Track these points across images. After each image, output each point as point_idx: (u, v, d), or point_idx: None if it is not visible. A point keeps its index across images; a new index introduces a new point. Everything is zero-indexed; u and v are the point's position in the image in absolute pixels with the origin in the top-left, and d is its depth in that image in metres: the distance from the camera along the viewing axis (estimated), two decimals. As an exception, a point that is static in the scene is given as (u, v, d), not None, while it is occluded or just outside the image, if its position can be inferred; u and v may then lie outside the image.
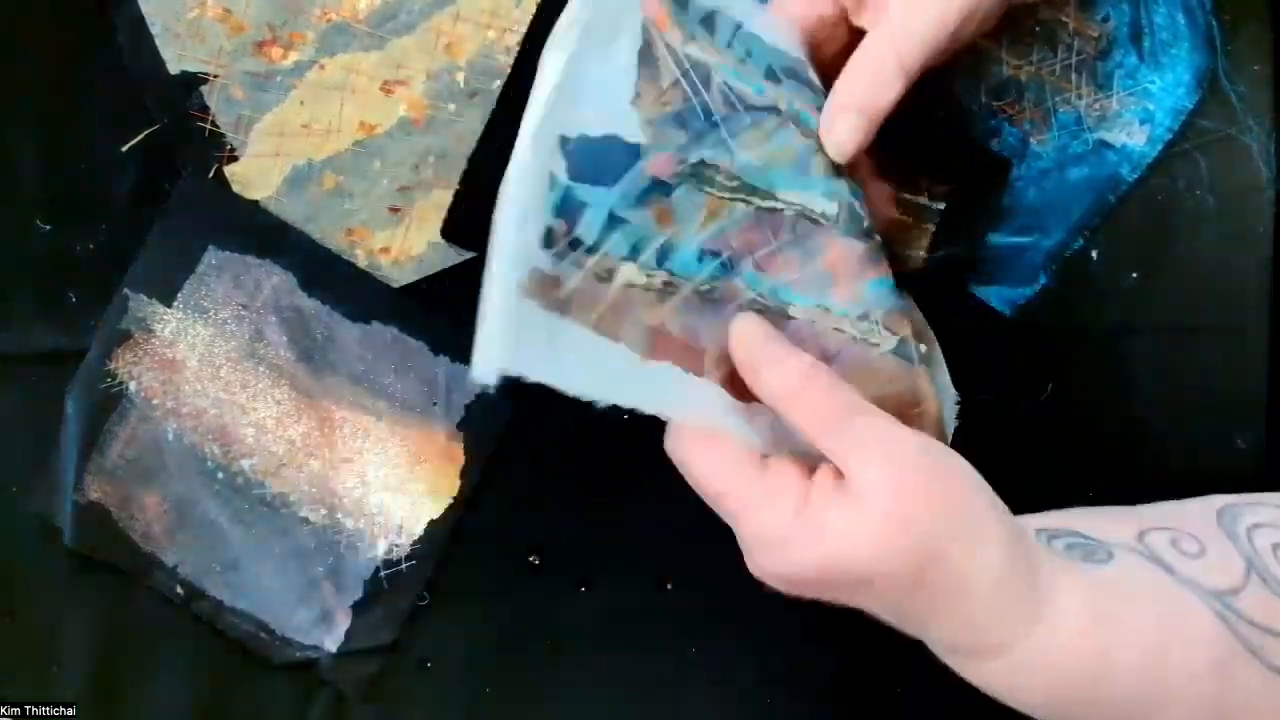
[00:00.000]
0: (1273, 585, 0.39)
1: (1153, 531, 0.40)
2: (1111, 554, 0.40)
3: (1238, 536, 0.40)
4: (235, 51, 0.52)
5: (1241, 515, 0.41)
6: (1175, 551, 0.40)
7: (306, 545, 0.53)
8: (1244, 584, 0.39)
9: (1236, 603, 0.38)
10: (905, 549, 0.36)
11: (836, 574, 0.37)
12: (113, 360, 0.53)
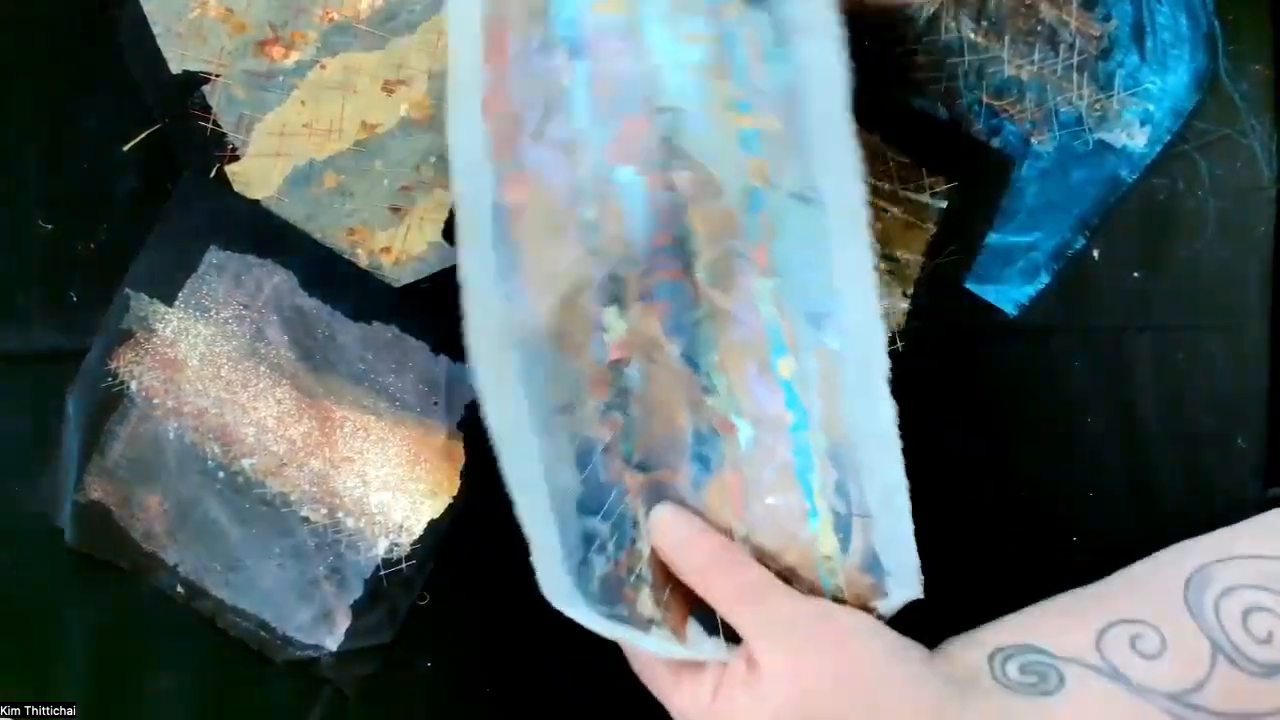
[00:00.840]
0: (1241, 662, 0.39)
1: (1111, 630, 0.40)
2: (1064, 678, 0.40)
3: (1203, 613, 0.40)
4: (236, 51, 0.52)
5: (1211, 582, 0.41)
6: (1134, 655, 0.40)
7: (307, 545, 0.53)
8: (1208, 675, 0.39)
9: (1200, 699, 0.38)
10: (804, 712, 0.38)
11: None
12: (113, 360, 0.53)
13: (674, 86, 0.43)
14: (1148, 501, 0.53)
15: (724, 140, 0.42)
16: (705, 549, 0.42)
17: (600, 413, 0.43)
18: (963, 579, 0.47)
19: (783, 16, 0.42)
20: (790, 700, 0.39)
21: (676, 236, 0.43)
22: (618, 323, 0.43)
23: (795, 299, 0.43)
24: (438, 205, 0.53)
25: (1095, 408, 0.54)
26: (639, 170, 0.43)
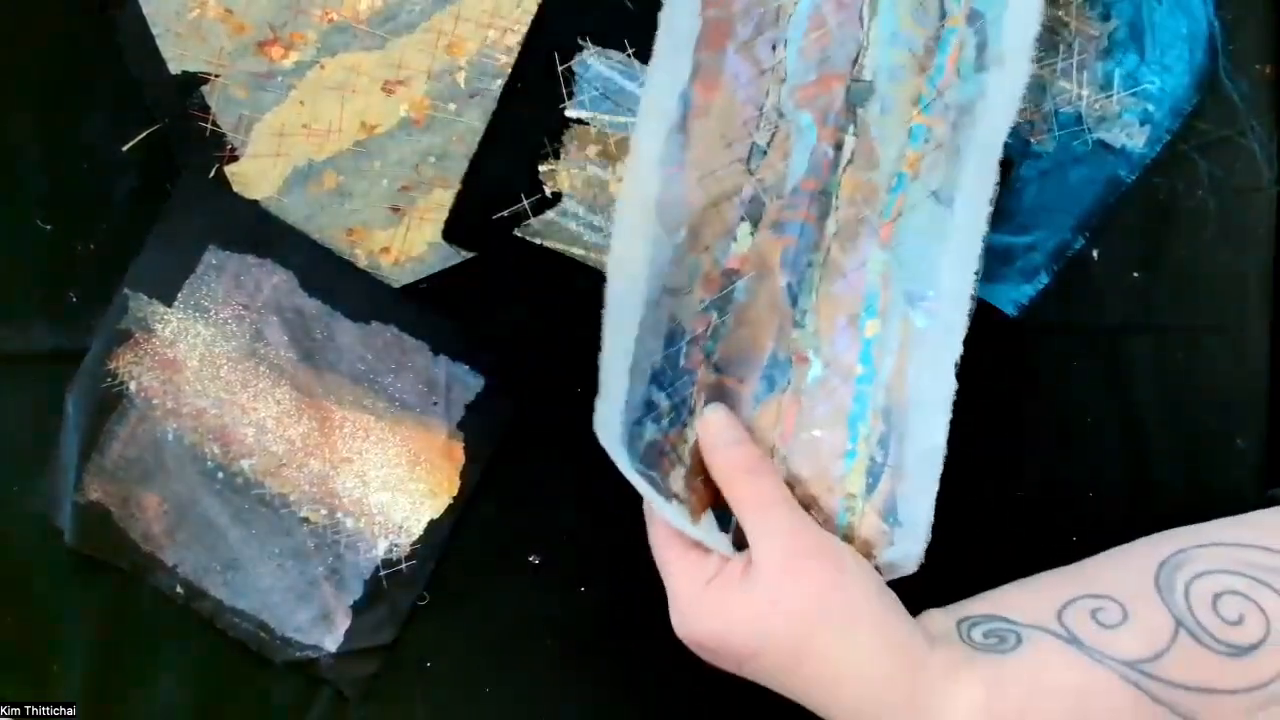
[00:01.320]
0: (1205, 640, 0.39)
1: (1075, 603, 0.42)
2: (1021, 639, 0.41)
3: (1173, 593, 0.41)
4: (236, 51, 0.52)
5: (1185, 565, 0.41)
6: (1093, 625, 0.41)
7: (306, 545, 0.53)
8: (1168, 646, 0.39)
9: (1157, 668, 0.39)
10: (781, 630, 0.41)
11: (726, 644, 0.42)
12: (113, 360, 0.53)
13: (879, 63, 0.47)
14: (1148, 501, 0.53)
15: (897, 126, 0.47)
16: (740, 454, 0.45)
17: (702, 307, 0.47)
18: (962, 578, 0.47)
19: (989, 44, 0.46)
20: (775, 604, 0.41)
21: (824, 188, 0.47)
22: (746, 239, 0.47)
23: (900, 275, 0.47)
24: (437, 205, 0.53)
25: (1095, 408, 0.54)
26: (817, 120, 0.47)
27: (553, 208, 0.52)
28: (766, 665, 0.42)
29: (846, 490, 0.47)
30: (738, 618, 0.42)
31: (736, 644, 0.42)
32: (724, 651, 0.42)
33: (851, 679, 0.40)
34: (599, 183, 0.52)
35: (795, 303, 0.48)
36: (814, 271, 0.48)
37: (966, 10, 0.46)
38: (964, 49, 0.46)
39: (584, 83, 0.52)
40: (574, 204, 0.52)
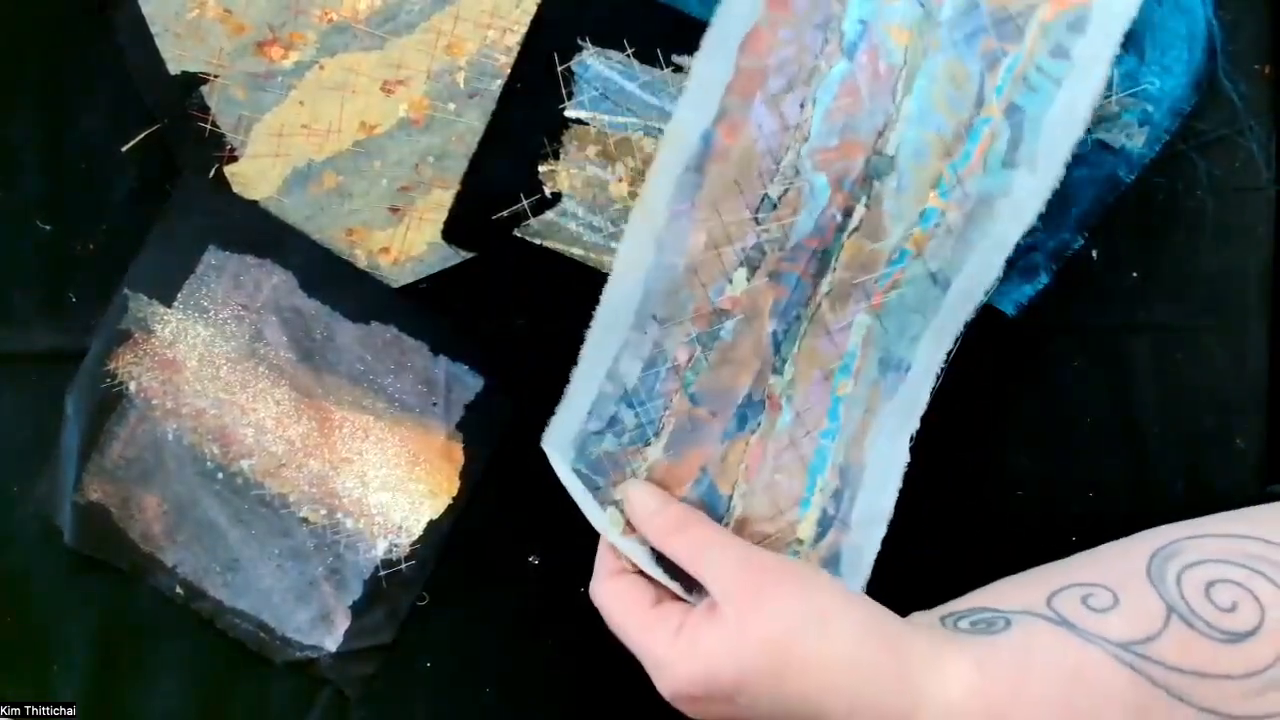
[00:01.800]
0: (1198, 626, 0.39)
1: (1063, 591, 0.41)
2: (1010, 622, 0.41)
3: (1164, 581, 0.40)
4: (235, 52, 0.52)
5: (1176, 555, 0.41)
6: (1083, 609, 0.40)
7: (306, 545, 0.53)
8: (1161, 630, 0.39)
9: (1151, 650, 0.38)
10: (755, 651, 0.41)
11: (712, 684, 0.42)
12: (113, 360, 0.53)
13: (905, 140, 0.46)
14: (1147, 501, 0.53)
15: (911, 205, 0.47)
16: (666, 517, 0.47)
17: (687, 339, 0.48)
18: (962, 578, 0.47)
19: (1023, 141, 0.46)
20: (743, 625, 0.41)
21: (826, 248, 0.48)
22: (741, 283, 0.48)
23: (881, 342, 0.48)
24: (436, 205, 0.53)
25: (1095, 408, 0.54)
26: (832, 184, 0.47)
27: (553, 208, 0.52)
28: (755, 694, 0.41)
29: (796, 536, 0.49)
30: (715, 655, 0.41)
31: (721, 682, 0.41)
32: (712, 693, 0.42)
33: (837, 677, 0.40)
34: (599, 183, 0.52)
35: (778, 350, 0.48)
36: (801, 324, 0.48)
37: (1006, 103, 0.45)
38: (995, 141, 0.46)
39: (584, 83, 0.52)
40: (574, 204, 0.52)
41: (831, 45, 0.46)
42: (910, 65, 0.46)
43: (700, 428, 0.49)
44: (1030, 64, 0.45)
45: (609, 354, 0.48)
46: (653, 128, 0.52)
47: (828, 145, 0.47)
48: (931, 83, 0.46)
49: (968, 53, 0.45)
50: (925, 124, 0.46)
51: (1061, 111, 0.45)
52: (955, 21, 0.45)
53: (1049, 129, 0.45)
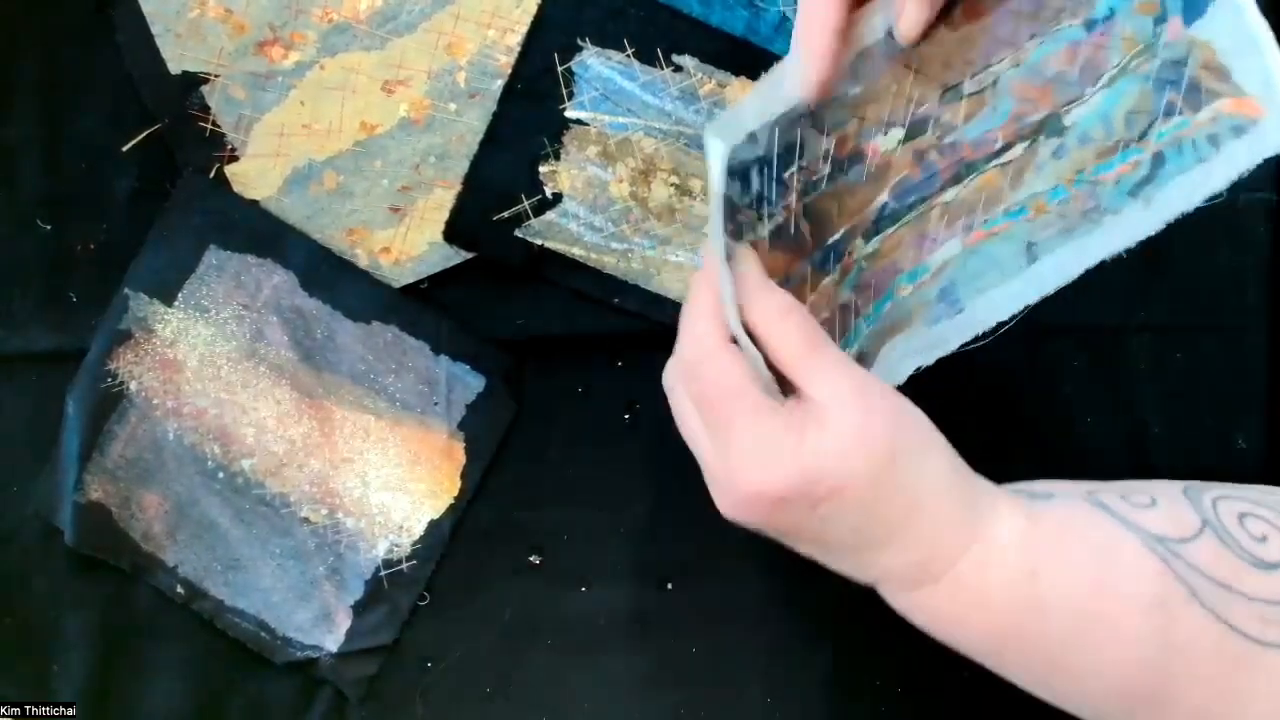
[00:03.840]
0: (1231, 545, 0.39)
1: (1104, 490, 0.42)
2: (1053, 496, 0.41)
3: (1199, 503, 0.41)
4: (236, 51, 0.52)
5: (1208, 489, 0.42)
6: (1124, 503, 0.41)
7: (307, 545, 0.53)
8: (1194, 535, 0.39)
9: (1184, 550, 0.39)
10: (867, 456, 0.40)
11: (815, 484, 0.40)
12: (113, 360, 0.53)
13: (1080, 121, 0.48)
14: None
15: (1051, 175, 0.48)
16: (780, 299, 0.43)
17: (822, 154, 0.48)
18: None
19: (1152, 180, 0.47)
20: (855, 433, 0.40)
21: (971, 164, 0.49)
22: (893, 142, 0.48)
23: (953, 275, 0.49)
24: (437, 205, 0.53)
25: (1095, 408, 0.54)
26: (1013, 115, 0.48)
27: (553, 208, 0.52)
28: (845, 504, 0.40)
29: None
30: (827, 459, 0.40)
31: (824, 483, 0.40)
32: (809, 494, 0.40)
33: (924, 502, 0.40)
34: (599, 183, 0.52)
35: (878, 221, 0.49)
36: (908, 214, 0.49)
37: (1158, 149, 0.47)
38: (1136, 170, 0.48)
39: (584, 83, 0.52)
40: (574, 204, 0.52)
41: (1080, 10, 0.48)
42: (1119, 69, 0.47)
43: (800, 239, 0.48)
44: (1192, 133, 0.47)
45: (772, 109, 0.45)
46: (653, 128, 0.52)
47: (1032, 81, 0.48)
48: (1121, 96, 0.48)
49: (1157, 94, 0.47)
50: (1100, 121, 0.48)
51: (1191, 180, 0.47)
52: (1164, 64, 0.47)
53: (1175, 187, 0.47)
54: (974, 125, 0.48)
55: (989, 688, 0.41)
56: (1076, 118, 0.48)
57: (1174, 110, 0.47)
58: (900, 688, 0.54)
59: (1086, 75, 0.48)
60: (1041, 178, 0.48)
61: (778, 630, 0.54)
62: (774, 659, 0.54)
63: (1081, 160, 0.48)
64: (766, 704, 0.54)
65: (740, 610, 0.54)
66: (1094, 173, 0.48)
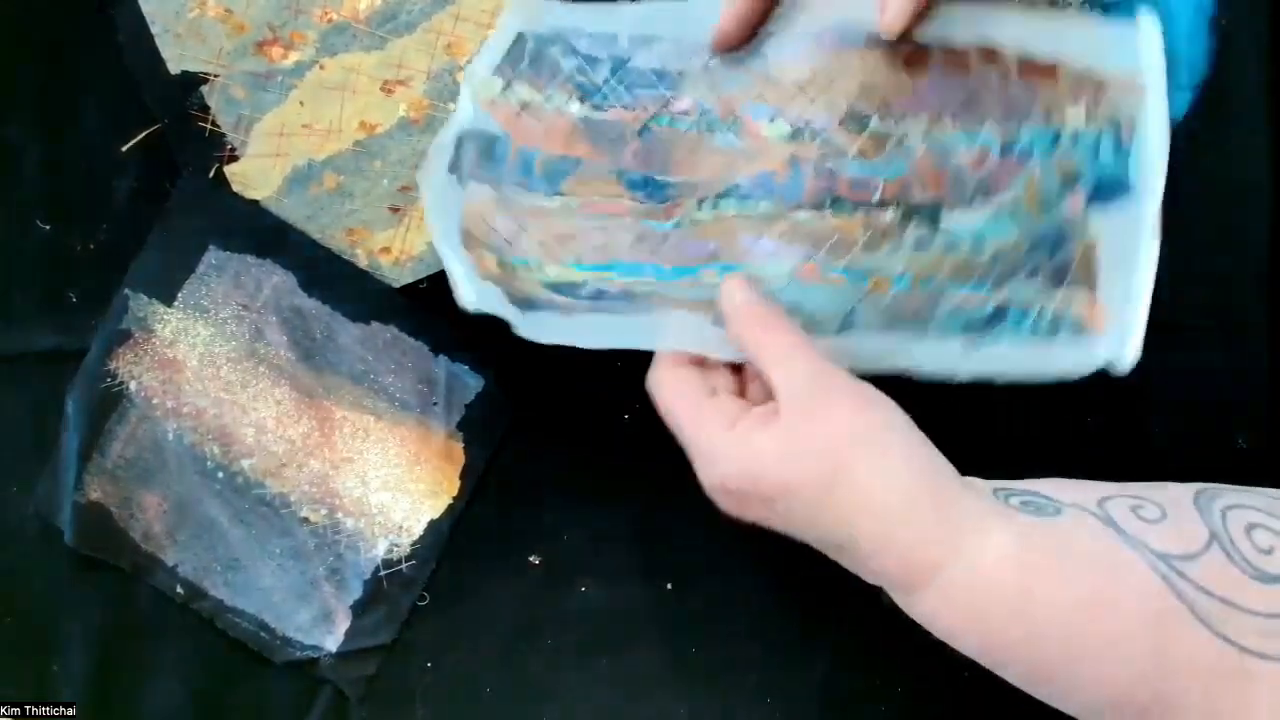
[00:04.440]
0: (1236, 559, 0.39)
1: (1116, 498, 0.41)
2: (1060, 510, 0.41)
3: (1210, 512, 0.41)
4: (236, 51, 0.52)
5: (1220, 496, 0.41)
6: (1133, 516, 0.40)
7: (306, 545, 0.53)
8: (1201, 551, 0.39)
9: (1187, 567, 0.39)
10: (813, 453, 0.41)
11: (758, 481, 0.41)
12: (113, 360, 0.53)
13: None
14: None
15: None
16: (759, 309, 0.45)
17: (690, 104, 0.49)
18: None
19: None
20: (801, 430, 0.41)
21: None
22: (773, 133, 0.48)
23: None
24: (437, 205, 0.53)
25: (1096, 408, 0.54)
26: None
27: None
28: (797, 501, 0.41)
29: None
30: (768, 453, 0.41)
31: (769, 480, 0.41)
32: (754, 492, 0.42)
33: (880, 503, 0.40)
34: (599, 183, 0.52)
35: (720, 195, 0.48)
36: (754, 207, 0.48)
37: (1002, 298, 0.48)
38: (976, 307, 0.48)
39: (584, 83, 0.52)
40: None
41: (1005, 129, 0.47)
42: (1013, 204, 0.48)
43: (616, 146, 0.49)
44: (1041, 304, 0.48)
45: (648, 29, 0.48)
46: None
47: (934, 161, 0.47)
48: (1002, 231, 0.48)
49: (1031, 249, 0.48)
50: (972, 241, 0.48)
51: (1016, 354, 0.48)
52: (1052, 227, 0.48)
53: (999, 349, 0.48)
54: (861, 164, 0.47)
55: (989, 688, 0.41)
56: (954, 223, 0.47)
57: (1036, 273, 0.47)
58: (900, 687, 0.54)
59: (982, 189, 0.47)
60: (896, 258, 0.47)
61: (778, 630, 0.54)
62: (774, 659, 0.54)
63: (938, 265, 0.47)
64: (766, 704, 0.54)
65: (740, 610, 0.54)
66: (943, 285, 0.47)
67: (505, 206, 0.48)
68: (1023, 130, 0.47)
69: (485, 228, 0.48)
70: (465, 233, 0.48)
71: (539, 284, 0.48)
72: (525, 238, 0.48)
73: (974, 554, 0.39)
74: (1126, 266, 0.47)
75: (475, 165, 0.48)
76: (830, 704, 0.54)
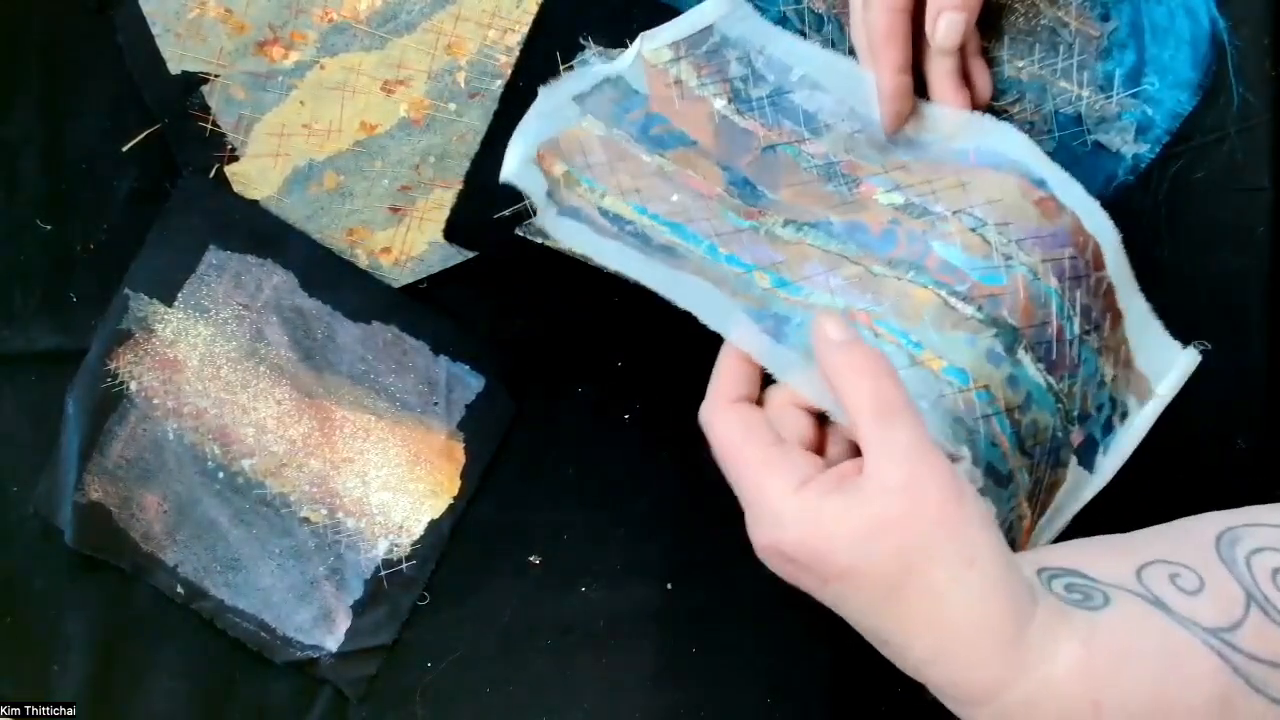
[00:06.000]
0: (1273, 615, 0.38)
1: (1151, 566, 0.40)
2: (1109, 598, 0.39)
3: (1236, 564, 0.40)
4: (236, 51, 0.52)
5: (1240, 540, 0.40)
6: (1174, 589, 0.39)
7: (307, 545, 0.53)
8: (1244, 617, 0.38)
9: (1236, 639, 0.38)
10: (887, 552, 0.37)
11: (816, 556, 0.38)
12: (113, 360, 0.53)
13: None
14: (1148, 502, 0.53)
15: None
16: (861, 353, 0.41)
17: (821, 150, 0.51)
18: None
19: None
20: (880, 521, 0.37)
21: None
22: (884, 199, 0.49)
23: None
24: (437, 205, 0.53)
25: (1095, 408, 0.54)
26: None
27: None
28: (858, 589, 0.38)
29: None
30: (841, 530, 0.37)
31: (834, 560, 0.37)
32: (815, 567, 0.38)
33: (953, 625, 0.37)
34: (599, 183, 0.52)
35: (808, 224, 0.49)
36: (837, 245, 0.48)
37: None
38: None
39: (584, 83, 0.52)
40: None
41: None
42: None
43: (734, 149, 0.51)
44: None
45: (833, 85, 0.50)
46: (653, 128, 0.52)
47: (1033, 294, 0.46)
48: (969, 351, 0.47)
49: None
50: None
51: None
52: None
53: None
54: (960, 254, 0.46)
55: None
56: (1024, 362, 0.46)
57: (1029, 472, 0.47)
58: (900, 687, 0.54)
59: (1048, 357, 0.47)
60: (962, 350, 0.45)
61: (778, 630, 0.54)
62: (774, 659, 0.54)
63: (998, 388, 0.45)
64: (766, 704, 0.54)
65: (740, 610, 0.54)
66: (989, 410, 0.45)
67: (606, 145, 0.49)
68: (1088, 342, 0.48)
69: (578, 150, 0.49)
70: (554, 141, 0.49)
71: (591, 204, 0.48)
72: (605, 169, 0.49)
73: (1041, 668, 0.37)
74: (1057, 521, 0.50)
75: (601, 106, 0.50)
76: (831, 704, 0.54)
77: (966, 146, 0.49)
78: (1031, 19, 0.52)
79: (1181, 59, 0.52)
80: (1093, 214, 0.48)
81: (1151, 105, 0.52)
